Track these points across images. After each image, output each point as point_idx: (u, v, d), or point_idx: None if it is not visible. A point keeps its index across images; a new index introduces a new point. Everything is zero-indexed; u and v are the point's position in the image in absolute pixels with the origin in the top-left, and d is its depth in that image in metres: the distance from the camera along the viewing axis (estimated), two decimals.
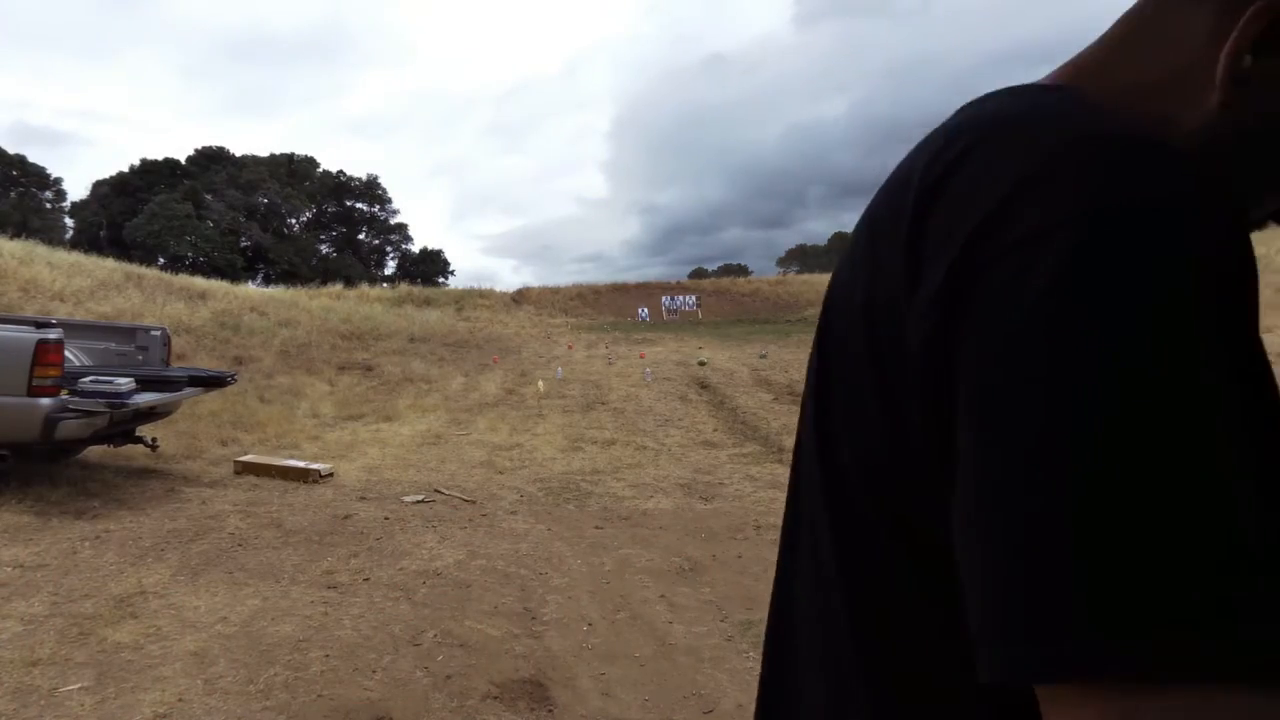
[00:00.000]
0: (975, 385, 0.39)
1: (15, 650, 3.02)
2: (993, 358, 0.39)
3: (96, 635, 3.19)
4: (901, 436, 0.46)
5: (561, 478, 6.42)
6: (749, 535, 4.84)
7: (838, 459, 0.53)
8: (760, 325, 25.80)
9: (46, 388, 4.82)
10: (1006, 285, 0.38)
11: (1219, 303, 0.36)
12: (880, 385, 0.47)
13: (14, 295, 12.31)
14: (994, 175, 0.42)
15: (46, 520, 4.83)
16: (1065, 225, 0.37)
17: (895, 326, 0.45)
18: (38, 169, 48.05)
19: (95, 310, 12.81)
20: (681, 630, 3.36)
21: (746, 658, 3.08)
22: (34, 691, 2.71)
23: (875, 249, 0.49)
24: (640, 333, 23.50)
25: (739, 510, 5.49)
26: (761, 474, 6.75)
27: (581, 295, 30.42)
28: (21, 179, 47.31)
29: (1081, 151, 0.40)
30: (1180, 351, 0.35)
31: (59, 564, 4.05)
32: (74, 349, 6.08)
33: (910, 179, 0.47)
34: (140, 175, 48.93)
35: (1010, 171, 0.41)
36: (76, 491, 5.53)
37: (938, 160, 0.46)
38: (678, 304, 29.49)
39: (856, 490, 0.51)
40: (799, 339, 21.16)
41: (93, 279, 14.75)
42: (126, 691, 2.73)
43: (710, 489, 6.21)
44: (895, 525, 0.48)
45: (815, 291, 31.08)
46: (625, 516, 5.28)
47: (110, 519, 4.95)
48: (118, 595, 3.61)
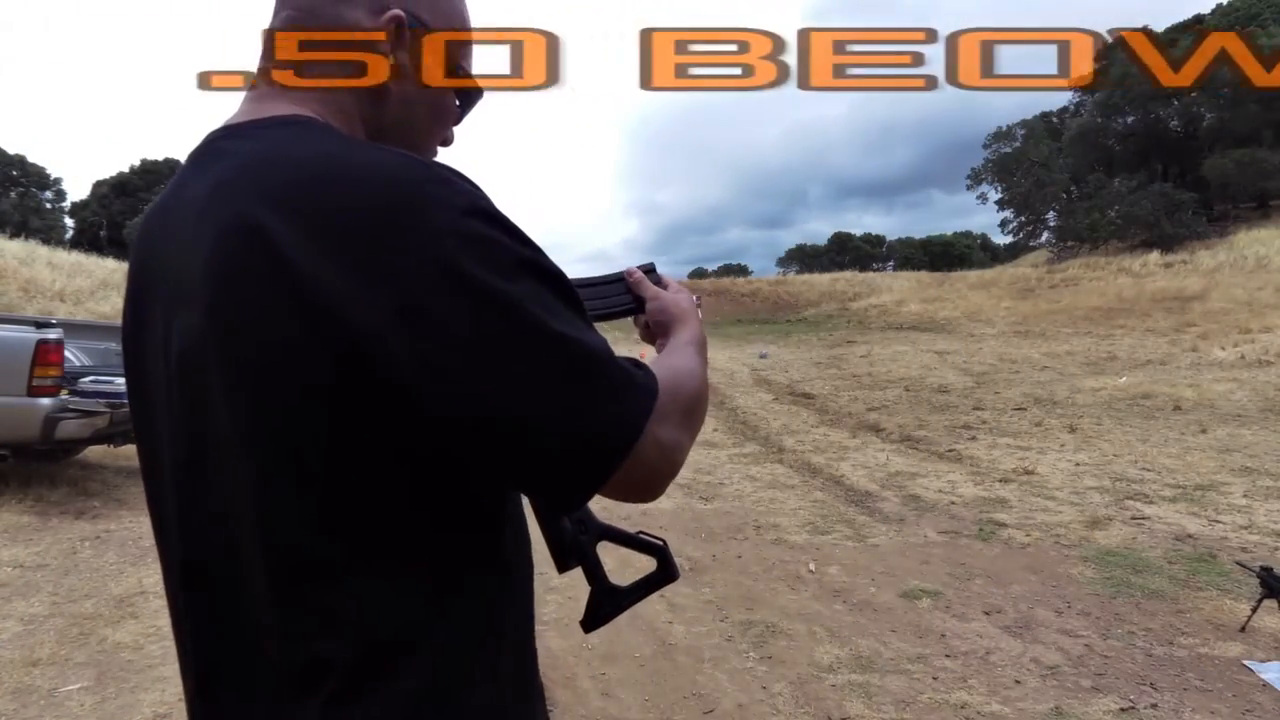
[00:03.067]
0: (422, 351, 0.52)
1: (15, 650, 3.02)
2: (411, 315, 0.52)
3: (96, 635, 3.19)
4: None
5: None
6: (749, 535, 4.84)
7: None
8: (760, 325, 25.78)
9: (46, 388, 4.82)
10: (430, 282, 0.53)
11: (508, 238, 0.56)
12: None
13: (14, 295, 12.31)
14: (351, 216, 0.54)
15: (46, 520, 4.83)
16: (441, 235, 0.53)
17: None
18: (38, 169, 48.01)
19: (95, 310, 12.80)
20: (681, 630, 3.36)
21: (746, 658, 3.08)
22: (34, 691, 2.71)
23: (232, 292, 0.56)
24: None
25: (739, 510, 5.49)
26: (761, 474, 6.75)
27: None
28: (21, 179, 47.27)
29: (343, 173, 0.55)
30: (528, 284, 0.55)
31: (59, 564, 4.05)
32: (74, 349, 6.07)
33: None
34: (140, 175, 48.91)
35: (364, 211, 0.54)
36: (76, 491, 5.53)
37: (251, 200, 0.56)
38: None
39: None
40: (799, 339, 21.16)
41: (93, 279, 14.74)
42: (126, 691, 2.73)
43: (710, 489, 6.21)
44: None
45: (816, 291, 31.09)
46: (625, 516, 5.28)
47: (110, 519, 4.94)
48: (118, 595, 3.61)
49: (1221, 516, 4.90)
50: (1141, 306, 19.52)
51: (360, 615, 0.55)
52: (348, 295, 0.51)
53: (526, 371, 0.53)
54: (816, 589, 3.85)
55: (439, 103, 0.71)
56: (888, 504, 5.55)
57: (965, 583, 3.87)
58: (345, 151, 0.57)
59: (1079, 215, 33.41)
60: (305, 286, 0.52)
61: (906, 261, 62.35)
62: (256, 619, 0.57)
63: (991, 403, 10.46)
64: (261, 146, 0.59)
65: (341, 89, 0.65)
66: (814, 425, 9.40)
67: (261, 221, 0.53)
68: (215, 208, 0.57)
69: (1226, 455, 6.74)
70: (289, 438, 0.54)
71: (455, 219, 0.53)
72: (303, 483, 0.55)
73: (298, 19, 0.65)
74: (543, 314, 0.54)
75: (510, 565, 0.65)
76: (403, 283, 0.51)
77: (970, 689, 2.77)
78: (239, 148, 0.60)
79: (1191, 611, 3.42)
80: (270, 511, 0.55)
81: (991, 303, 23.68)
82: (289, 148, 0.58)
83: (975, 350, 16.29)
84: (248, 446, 0.55)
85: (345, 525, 0.55)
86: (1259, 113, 30.86)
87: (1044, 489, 5.81)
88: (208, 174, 0.59)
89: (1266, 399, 9.57)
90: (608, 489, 0.58)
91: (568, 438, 0.55)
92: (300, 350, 0.52)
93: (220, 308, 0.55)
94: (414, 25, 0.66)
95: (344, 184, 0.54)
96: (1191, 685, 2.77)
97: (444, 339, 0.51)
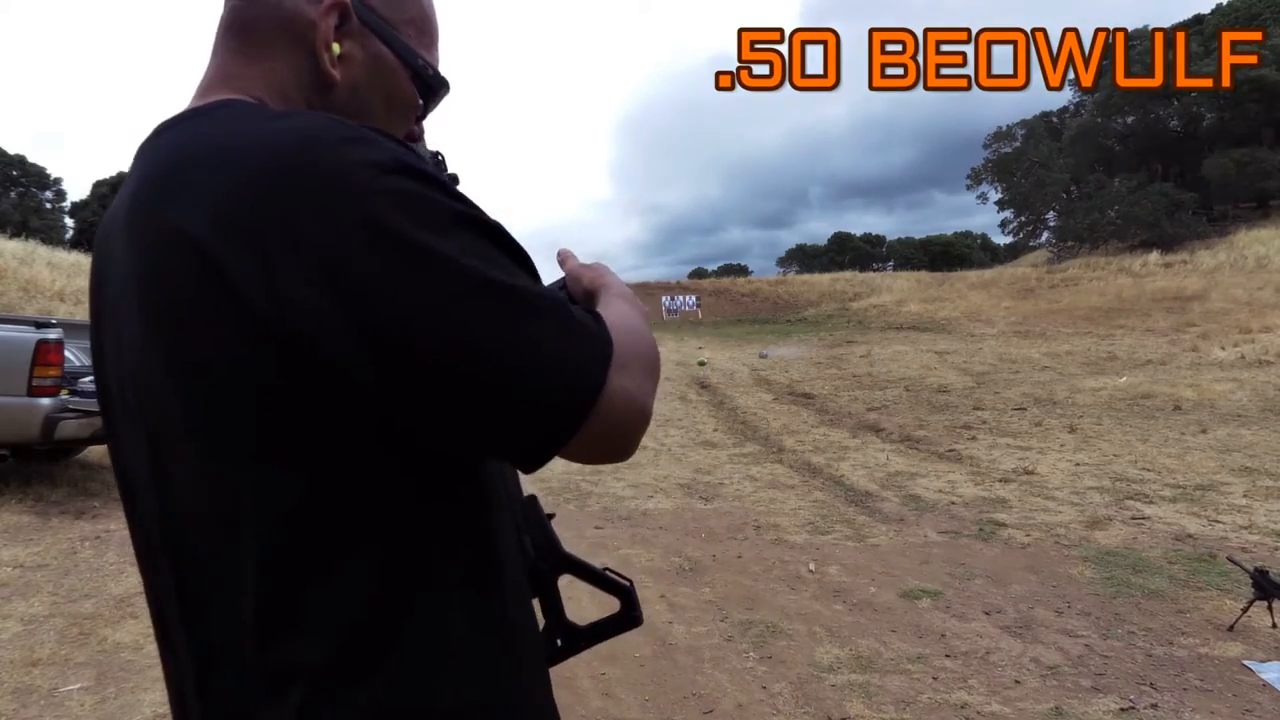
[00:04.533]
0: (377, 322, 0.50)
1: (15, 650, 3.02)
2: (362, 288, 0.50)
3: (96, 635, 3.19)
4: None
5: (561, 477, 6.41)
6: (749, 535, 4.84)
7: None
8: (760, 325, 25.78)
9: (46, 388, 4.82)
10: (365, 252, 0.50)
11: (453, 193, 0.55)
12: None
13: (14, 295, 12.31)
14: (275, 180, 0.52)
15: (46, 520, 4.83)
16: (367, 196, 0.51)
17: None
18: (38, 169, 48.01)
19: None
20: (681, 630, 3.36)
21: (746, 658, 3.08)
22: (34, 691, 2.71)
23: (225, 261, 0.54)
24: None
25: (739, 510, 5.49)
26: (761, 474, 6.75)
27: None
28: (21, 179, 47.27)
29: (332, 142, 0.53)
30: (465, 239, 0.53)
31: (59, 564, 4.05)
32: (74, 349, 6.07)
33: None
34: None
35: (287, 176, 0.52)
36: (76, 491, 5.53)
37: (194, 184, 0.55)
38: (678, 304, 29.46)
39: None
40: (799, 339, 21.15)
41: None
42: (126, 691, 2.73)
43: (710, 489, 6.21)
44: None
45: (816, 292, 31.08)
46: (625, 516, 5.28)
47: (110, 519, 4.94)
48: (118, 595, 3.61)
49: (1221, 516, 4.90)
50: (1141, 306, 19.53)
51: (340, 612, 0.54)
52: (273, 278, 0.49)
53: (474, 326, 0.51)
54: (816, 589, 3.85)
55: (395, 94, 0.68)
56: (888, 504, 5.55)
57: (965, 583, 3.87)
58: (258, 126, 0.55)
59: (1079, 215, 33.43)
60: (228, 281, 0.50)
61: (906, 261, 62.33)
62: (232, 621, 0.56)
63: (991, 403, 10.47)
64: (184, 136, 0.58)
65: (285, 75, 0.64)
66: (814, 425, 9.40)
67: (178, 224, 0.53)
68: (137, 212, 0.57)
69: (1226, 455, 6.74)
70: (251, 440, 0.53)
71: (377, 177, 0.51)
72: (270, 478, 0.53)
73: (240, 9, 0.65)
74: (483, 266, 0.52)
75: (501, 557, 0.63)
76: (330, 252, 0.49)
77: (970, 689, 2.77)
78: (168, 140, 0.59)
79: (1191, 611, 3.42)
80: (240, 511, 0.54)
81: (991, 303, 23.69)
82: (209, 133, 0.57)
83: (975, 350, 16.29)
84: (209, 458, 0.55)
85: (316, 516, 0.54)
86: (1259, 113, 30.87)
87: (1044, 489, 5.81)
88: (137, 173, 0.60)
89: (1266, 399, 9.58)
90: (577, 448, 0.55)
91: (526, 392, 0.52)
92: (238, 349, 0.51)
93: (157, 320, 0.54)
94: (361, 12, 0.65)
95: (255, 159, 0.52)
96: (1191, 685, 2.77)
97: (381, 304, 0.49)
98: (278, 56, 0.64)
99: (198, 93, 0.65)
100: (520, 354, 0.52)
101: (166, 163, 0.57)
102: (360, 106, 0.67)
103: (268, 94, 0.63)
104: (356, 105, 0.66)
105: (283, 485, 0.53)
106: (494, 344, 0.51)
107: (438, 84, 0.70)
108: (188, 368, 0.54)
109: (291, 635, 0.54)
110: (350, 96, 0.66)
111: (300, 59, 0.64)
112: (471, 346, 0.51)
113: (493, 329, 0.51)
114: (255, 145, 0.53)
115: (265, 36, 0.64)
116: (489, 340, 0.51)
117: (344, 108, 0.65)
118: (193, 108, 0.62)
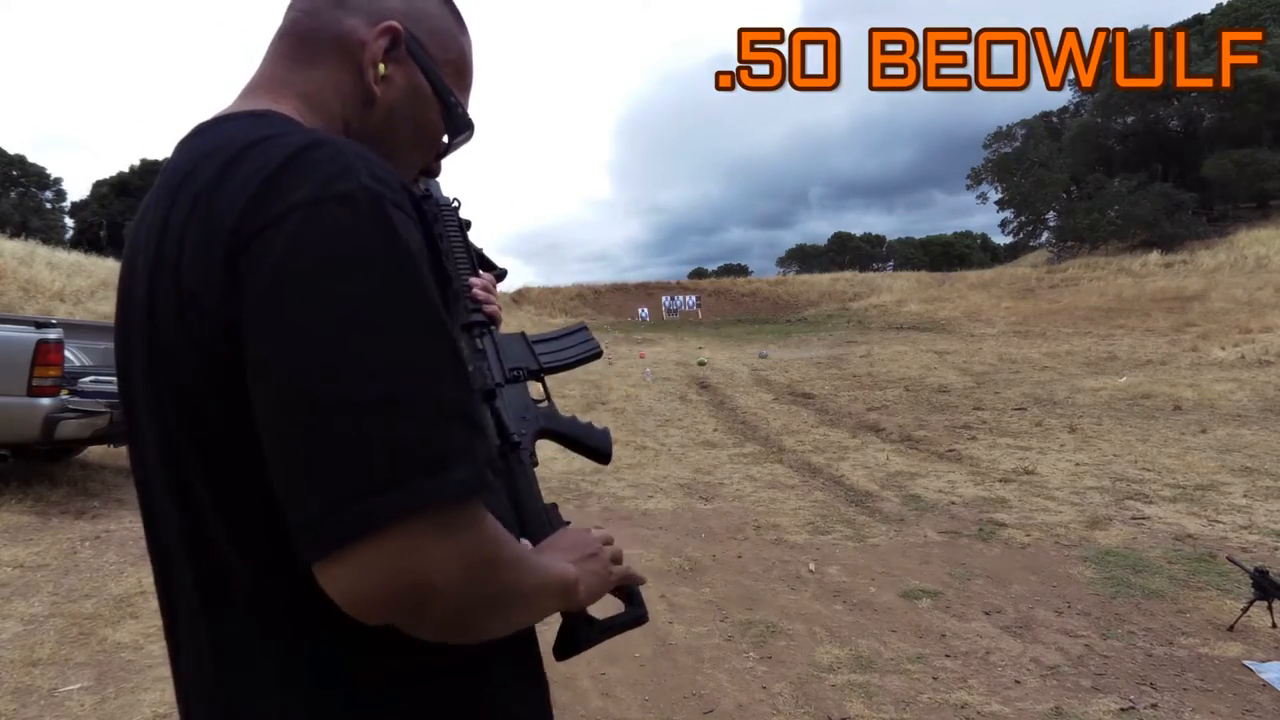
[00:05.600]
0: (255, 335, 0.51)
1: (15, 650, 3.02)
2: (260, 308, 0.50)
3: (96, 635, 3.19)
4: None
5: (562, 477, 6.41)
6: (749, 535, 4.84)
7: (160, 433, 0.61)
8: (760, 325, 25.78)
9: (46, 388, 4.82)
10: (260, 249, 0.51)
11: (400, 249, 0.52)
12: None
13: (14, 295, 12.31)
14: (250, 179, 0.54)
15: (46, 520, 4.83)
16: (296, 207, 0.51)
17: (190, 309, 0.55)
18: (38, 169, 47.97)
19: (95, 310, 12.80)
20: (681, 630, 3.36)
21: (746, 658, 3.08)
22: (34, 691, 2.71)
23: (183, 247, 0.56)
24: (640, 333, 23.48)
25: (739, 510, 5.49)
26: (761, 474, 6.75)
27: (581, 295, 30.41)
28: (21, 179, 47.24)
29: (310, 156, 0.54)
30: (382, 284, 0.50)
31: (59, 564, 4.05)
32: (74, 349, 6.07)
33: (195, 191, 0.57)
34: (140, 175, 48.82)
35: (260, 176, 0.54)
36: (76, 491, 5.53)
37: (211, 174, 0.56)
38: (678, 304, 29.47)
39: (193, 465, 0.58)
40: (799, 339, 21.16)
41: (93, 279, 14.74)
42: (126, 691, 2.73)
43: (710, 489, 6.21)
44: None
45: (816, 292, 31.07)
46: (625, 516, 5.28)
47: (110, 519, 4.94)
48: (118, 595, 3.61)
49: (1221, 516, 4.90)
50: (1141, 306, 19.53)
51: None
52: (217, 281, 0.52)
53: (299, 386, 0.48)
54: (816, 589, 3.85)
55: (424, 124, 0.72)
56: (888, 504, 5.55)
57: (965, 583, 3.87)
58: (260, 136, 0.57)
59: (1079, 215, 33.42)
60: (184, 279, 0.54)
61: (906, 261, 62.28)
62: (234, 613, 0.58)
63: (991, 403, 10.46)
64: (207, 142, 0.61)
65: (328, 86, 0.67)
66: (814, 425, 9.40)
67: (175, 222, 0.57)
68: (153, 210, 0.61)
69: (1226, 455, 6.74)
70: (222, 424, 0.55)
71: (314, 193, 0.52)
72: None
73: (300, 20, 0.68)
74: (351, 332, 0.49)
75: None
76: (255, 262, 0.51)
77: (970, 689, 2.77)
78: (196, 144, 0.62)
79: (1191, 611, 3.42)
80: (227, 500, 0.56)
81: (991, 303, 23.68)
82: (226, 140, 0.59)
83: (975, 350, 16.29)
84: (195, 457, 0.57)
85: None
86: (1259, 113, 30.85)
87: (1044, 489, 5.81)
88: (163, 173, 0.63)
89: (1266, 399, 9.57)
90: (334, 587, 0.49)
91: (310, 487, 0.48)
92: (191, 345, 0.55)
93: (152, 324, 0.58)
94: (410, 43, 0.68)
95: (240, 166, 0.55)
96: (1191, 685, 2.77)
97: (260, 323, 0.50)
98: (325, 68, 0.67)
99: (243, 92, 0.68)
100: (320, 441, 0.48)
101: (188, 168, 0.59)
102: (391, 127, 0.70)
103: (307, 102, 0.66)
104: (389, 125, 0.70)
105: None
106: (304, 412, 0.48)
107: (464, 124, 0.73)
108: (169, 365, 0.57)
109: (300, 626, 0.56)
110: (385, 116, 0.69)
111: (346, 73, 0.67)
112: (287, 403, 0.49)
113: (311, 398, 0.48)
114: (245, 156, 0.56)
115: (318, 48, 0.67)
116: (304, 407, 0.48)
117: (377, 125, 0.69)
118: (225, 114, 0.65)
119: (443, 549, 0.49)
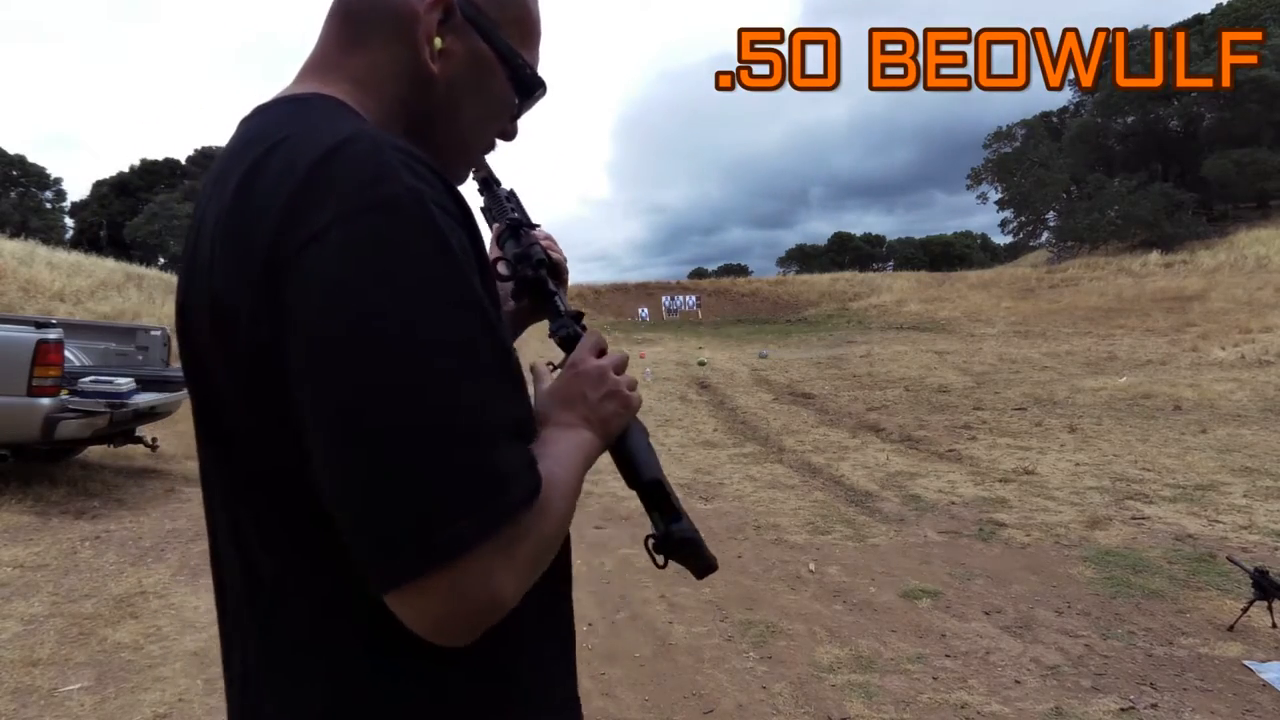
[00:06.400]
0: (300, 354, 0.49)
1: (15, 650, 3.02)
2: (307, 323, 0.49)
3: (96, 635, 3.19)
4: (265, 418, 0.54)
5: None
6: (749, 535, 4.84)
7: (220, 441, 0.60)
8: (760, 325, 25.78)
9: (46, 388, 4.82)
10: (305, 270, 0.49)
11: (449, 261, 0.50)
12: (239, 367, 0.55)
13: (14, 295, 12.31)
14: (279, 184, 0.52)
15: (46, 520, 4.83)
16: (337, 221, 0.49)
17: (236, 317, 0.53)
18: (38, 169, 47.96)
19: (95, 310, 12.80)
20: (681, 630, 3.36)
21: (746, 658, 3.08)
22: (34, 691, 2.71)
23: (214, 251, 0.56)
24: (640, 333, 23.48)
25: (739, 510, 5.49)
26: (761, 474, 6.75)
27: (581, 295, 30.41)
28: (21, 179, 47.23)
29: (342, 158, 0.51)
30: (431, 302, 0.49)
31: (59, 564, 4.05)
32: (74, 349, 6.07)
33: (231, 187, 0.56)
34: (140, 175, 48.88)
35: (290, 180, 0.52)
36: (76, 491, 5.52)
37: (246, 169, 0.55)
38: (678, 304, 29.46)
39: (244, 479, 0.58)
40: (799, 339, 21.16)
41: (93, 279, 14.74)
42: (126, 691, 2.73)
43: (710, 489, 6.21)
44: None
45: (816, 292, 31.07)
46: (625, 516, 5.28)
47: (110, 519, 4.94)
48: (118, 595, 3.61)
49: (1221, 516, 4.90)
50: (1141, 306, 19.54)
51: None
52: (252, 299, 0.52)
53: (353, 420, 0.47)
54: (816, 589, 3.85)
55: (491, 93, 0.68)
56: (888, 504, 5.55)
57: (965, 583, 3.87)
58: (285, 135, 0.56)
59: (1079, 215, 33.44)
60: (217, 288, 0.54)
61: (906, 261, 62.30)
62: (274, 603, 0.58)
63: (991, 403, 10.46)
64: (253, 130, 0.60)
65: (384, 66, 0.63)
66: (814, 425, 9.40)
67: (209, 220, 0.57)
68: (208, 196, 0.60)
69: (1226, 455, 6.74)
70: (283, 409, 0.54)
71: (348, 205, 0.50)
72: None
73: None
74: (404, 359, 0.47)
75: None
76: (299, 292, 0.49)
77: (970, 689, 2.77)
78: (247, 129, 0.61)
79: (1191, 611, 3.42)
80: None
81: (991, 303, 23.69)
82: (272, 128, 0.58)
83: (975, 350, 16.29)
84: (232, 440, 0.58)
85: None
86: (1259, 113, 30.85)
87: (1044, 489, 5.81)
88: (219, 157, 0.62)
89: (1266, 399, 9.58)
90: (406, 608, 0.48)
91: (375, 520, 0.47)
92: (222, 354, 0.55)
93: (184, 322, 0.61)
94: (465, 9, 0.64)
95: (270, 164, 0.54)
96: (1191, 685, 2.77)
97: (302, 342, 0.49)
98: (380, 48, 0.63)
99: (298, 75, 0.66)
100: (379, 474, 0.47)
101: (238, 154, 0.58)
102: (455, 102, 0.66)
103: (361, 85, 0.63)
104: (452, 101, 0.66)
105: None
106: (361, 451, 0.47)
107: (534, 84, 0.69)
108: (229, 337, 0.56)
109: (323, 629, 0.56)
110: (447, 92, 0.65)
111: (401, 51, 0.63)
112: (347, 440, 0.47)
113: (369, 433, 0.47)
114: (287, 152, 0.54)
115: (370, 27, 0.63)
116: (361, 441, 0.47)
117: (440, 102, 0.65)
118: (280, 97, 0.64)
119: (511, 563, 0.50)
